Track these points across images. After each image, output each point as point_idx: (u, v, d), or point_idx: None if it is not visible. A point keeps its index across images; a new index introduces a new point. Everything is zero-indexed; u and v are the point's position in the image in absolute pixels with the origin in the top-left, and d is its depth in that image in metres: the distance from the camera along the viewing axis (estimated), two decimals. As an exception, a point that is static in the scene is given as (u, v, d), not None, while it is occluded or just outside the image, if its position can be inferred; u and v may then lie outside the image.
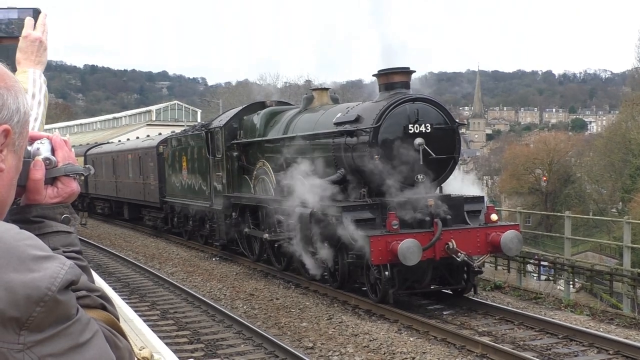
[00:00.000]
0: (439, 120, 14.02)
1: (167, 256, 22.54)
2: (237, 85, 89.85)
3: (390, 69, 14.31)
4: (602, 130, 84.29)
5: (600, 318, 13.32)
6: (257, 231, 18.22)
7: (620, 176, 53.51)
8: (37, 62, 2.33)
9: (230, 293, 15.98)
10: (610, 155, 56.04)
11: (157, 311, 14.46)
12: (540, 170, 62.13)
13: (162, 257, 22.35)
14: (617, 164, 54.44)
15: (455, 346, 11.09)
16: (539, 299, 15.03)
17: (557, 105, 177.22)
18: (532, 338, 11.56)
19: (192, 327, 12.94)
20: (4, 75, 1.42)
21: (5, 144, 1.40)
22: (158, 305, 15.13)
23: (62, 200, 1.66)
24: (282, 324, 12.89)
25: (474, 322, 12.62)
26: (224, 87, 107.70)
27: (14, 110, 1.41)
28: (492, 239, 13.23)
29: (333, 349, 11.13)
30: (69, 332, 1.26)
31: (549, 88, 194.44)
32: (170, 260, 21.52)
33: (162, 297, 16.04)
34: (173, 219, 26.38)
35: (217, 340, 11.92)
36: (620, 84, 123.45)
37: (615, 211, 49.42)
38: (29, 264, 1.24)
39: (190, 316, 13.91)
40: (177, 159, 24.59)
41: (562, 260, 17.55)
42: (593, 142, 69.96)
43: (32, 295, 1.21)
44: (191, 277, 18.42)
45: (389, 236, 12.66)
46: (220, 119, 21.41)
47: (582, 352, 10.73)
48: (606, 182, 56.84)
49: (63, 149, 1.69)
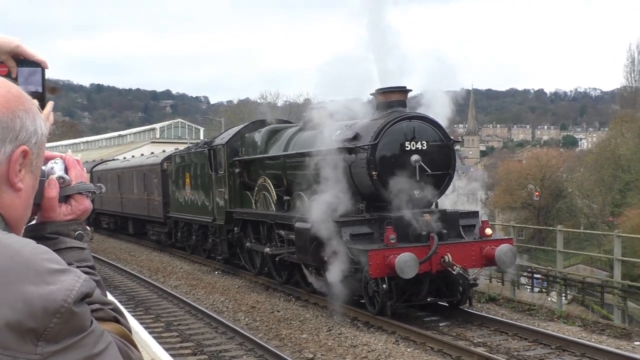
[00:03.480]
0: (435, 137, 14.05)
1: (171, 270, 22.50)
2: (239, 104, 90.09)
3: (388, 88, 14.35)
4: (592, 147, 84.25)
5: (591, 329, 13.30)
6: (259, 245, 18.20)
7: (610, 191, 53.45)
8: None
9: (232, 305, 15.95)
10: (600, 171, 56.04)
11: (161, 323, 14.44)
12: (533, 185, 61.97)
13: (166, 271, 22.31)
14: (607, 179, 54.39)
15: (451, 357, 11.08)
16: (533, 310, 15.00)
17: (548, 122, 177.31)
18: (526, 349, 11.54)
19: (195, 339, 12.92)
20: (22, 98, 1.44)
21: (24, 164, 1.41)
22: (162, 317, 15.10)
23: (76, 218, 1.67)
24: (283, 335, 12.87)
25: (469, 333, 12.60)
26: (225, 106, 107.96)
27: (32, 132, 1.43)
28: (487, 253, 13.24)
29: (333, 359, 11.11)
30: (84, 343, 1.27)
31: (541, 106, 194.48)
32: (174, 274, 21.48)
33: (166, 309, 16.01)
34: (176, 233, 26.31)
35: (220, 352, 11.89)
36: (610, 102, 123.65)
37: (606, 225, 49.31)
38: (46, 277, 1.25)
39: (193, 328, 13.89)
40: (180, 176, 24.57)
41: (555, 273, 17.55)
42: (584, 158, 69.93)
43: (49, 307, 1.23)
44: (194, 290, 18.39)
45: (386, 250, 12.67)
46: (222, 137, 21.41)
47: (575, 363, 10.73)
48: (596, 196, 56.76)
49: (76, 168, 1.70)
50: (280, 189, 17.26)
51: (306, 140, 16.53)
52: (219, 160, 20.36)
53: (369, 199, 14.14)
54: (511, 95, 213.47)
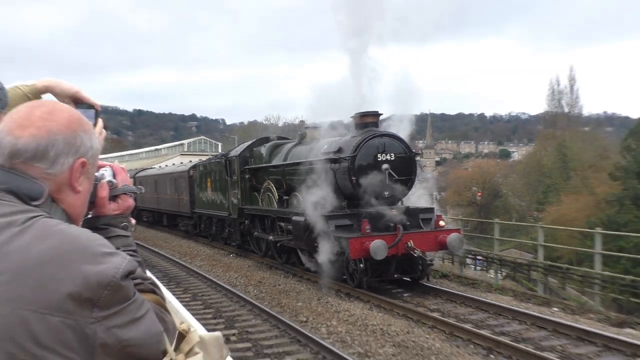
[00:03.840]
0: (400, 150, 14.06)
1: (196, 253, 22.42)
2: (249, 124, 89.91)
3: (364, 112, 14.37)
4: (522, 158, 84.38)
5: (520, 298, 13.34)
6: (264, 234, 18.17)
7: (535, 192, 53.58)
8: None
9: (244, 281, 15.91)
10: (527, 177, 56.26)
11: (189, 294, 14.40)
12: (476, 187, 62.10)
13: (192, 254, 22.23)
14: (533, 183, 54.56)
15: (413, 320, 11.09)
16: (475, 284, 15.03)
17: (488, 139, 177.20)
18: (470, 314, 11.57)
19: (215, 306, 12.89)
20: (81, 121, 1.46)
21: (82, 172, 1.43)
22: (190, 290, 15.06)
23: (122, 212, 1.68)
24: (283, 303, 12.85)
25: (427, 301, 12.61)
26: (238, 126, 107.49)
27: (89, 147, 1.45)
28: (440, 240, 13.26)
29: (321, 322, 11.10)
30: (129, 309, 1.28)
31: (482, 126, 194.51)
32: (199, 256, 21.41)
33: (192, 283, 15.96)
34: (200, 225, 26.25)
35: (235, 316, 11.87)
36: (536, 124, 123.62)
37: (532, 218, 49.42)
38: (99, 258, 1.26)
39: (214, 298, 13.86)
40: (203, 180, 24.51)
41: (493, 255, 17.58)
42: (515, 167, 70.11)
43: (102, 282, 1.24)
44: (214, 268, 18.34)
45: (363, 238, 12.67)
46: (235, 150, 21.37)
47: (507, 324, 10.74)
48: (525, 196, 56.93)
49: (121, 174, 1.72)
50: (280, 190, 17.24)
51: (301, 152, 16.54)
52: (233, 168, 20.33)
53: (349, 198, 14.15)
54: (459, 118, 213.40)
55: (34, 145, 1.35)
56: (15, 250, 1.23)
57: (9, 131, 1.36)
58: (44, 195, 1.36)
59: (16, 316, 1.18)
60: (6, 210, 1.29)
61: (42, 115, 1.38)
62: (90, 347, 1.21)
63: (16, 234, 1.25)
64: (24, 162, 1.35)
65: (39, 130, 1.36)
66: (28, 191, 1.34)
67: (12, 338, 1.16)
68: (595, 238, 14.92)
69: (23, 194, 1.34)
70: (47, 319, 1.18)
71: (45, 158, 1.36)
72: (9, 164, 1.35)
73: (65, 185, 1.41)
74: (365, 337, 9.95)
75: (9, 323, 1.17)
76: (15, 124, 1.36)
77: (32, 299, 1.19)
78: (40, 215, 1.31)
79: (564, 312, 11.90)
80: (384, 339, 9.80)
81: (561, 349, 9.18)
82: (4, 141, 1.36)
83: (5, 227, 1.26)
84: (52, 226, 1.28)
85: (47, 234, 1.26)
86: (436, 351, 9.06)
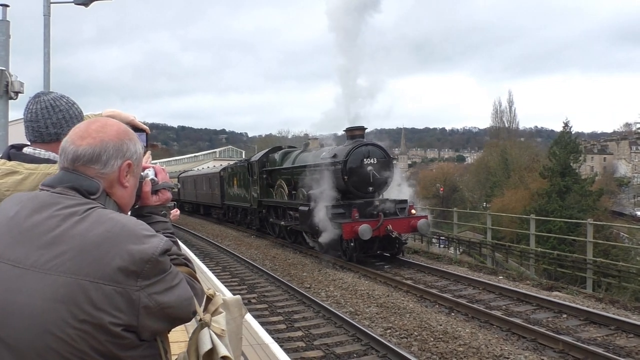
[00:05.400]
0: (381, 156, 14.06)
1: (225, 235, 22.40)
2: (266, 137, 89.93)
3: (354, 127, 14.38)
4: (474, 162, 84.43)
5: (474, 269, 13.32)
6: (277, 220, 18.14)
7: (484, 187, 53.57)
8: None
9: (262, 256, 15.89)
10: (478, 176, 56.21)
11: (219, 267, 14.36)
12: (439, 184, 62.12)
13: (222, 236, 22.21)
14: (482, 181, 54.52)
15: (392, 286, 11.07)
16: (439, 258, 15.02)
17: (448, 147, 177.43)
18: (436, 281, 11.55)
19: (240, 276, 12.86)
20: (128, 131, 1.44)
21: (129, 171, 1.41)
22: (220, 263, 15.02)
23: (162, 203, 1.65)
24: (292, 274, 12.83)
25: (402, 272, 12.60)
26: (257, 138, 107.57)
27: (133, 152, 1.43)
28: (412, 224, 13.24)
29: (322, 288, 11.08)
30: (165, 279, 1.25)
31: (444, 137, 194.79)
32: (227, 237, 21.39)
33: (222, 259, 15.94)
34: (229, 213, 26.22)
35: (255, 284, 11.84)
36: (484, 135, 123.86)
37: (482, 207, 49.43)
38: (142, 239, 1.23)
39: (239, 270, 13.83)
40: (231, 179, 24.48)
41: (452, 236, 17.56)
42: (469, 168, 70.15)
43: (144, 258, 1.21)
44: (239, 247, 18.31)
45: (353, 223, 12.67)
46: (256, 156, 21.35)
47: (464, 289, 10.71)
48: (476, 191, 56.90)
49: (162, 174, 1.69)
50: (290, 186, 17.22)
51: (305, 157, 16.52)
52: (254, 170, 20.30)
53: (342, 193, 14.13)
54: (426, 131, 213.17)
55: (90, 152, 1.35)
56: (77, 233, 1.21)
57: (72, 141, 1.37)
58: (99, 190, 1.35)
59: (78, 285, 1.16)
60: (71, 202, 1.28)
61: (97, 129, 1.38)
62: (135, 310, 1.19)
63: (78, 221, 1.23)
64: (83, 164, 1.35)
65: (94, 140, 1.36)
66: (87, 187, 1.33)
67: (75, 302, 1.16)
68: (530, 222, 14.91)
69: (83, 189, 1.33)
70: (102, 287, 1.16)
71: (99, 161, 1.36)
72: (72, 167, 1.35)
73: (116, 182, 1.39)
74: (355, 300, 9.93)
75: (73, 291, 1.16)
76: (77, 136, 1.37)
77: (91, 271, 1.17)
78: (97, 206, 1.30)
79: (507, 280, 11.87)
80: (369, 301, 9.78)
81: (505, 308, 9.16)
82: (68, 149, 1.36)
83: (70, 215, 1.25)
84: (106, 215, 1.26)
85: (102, 221, 1.24)
86: (410, 310, 9.04)
